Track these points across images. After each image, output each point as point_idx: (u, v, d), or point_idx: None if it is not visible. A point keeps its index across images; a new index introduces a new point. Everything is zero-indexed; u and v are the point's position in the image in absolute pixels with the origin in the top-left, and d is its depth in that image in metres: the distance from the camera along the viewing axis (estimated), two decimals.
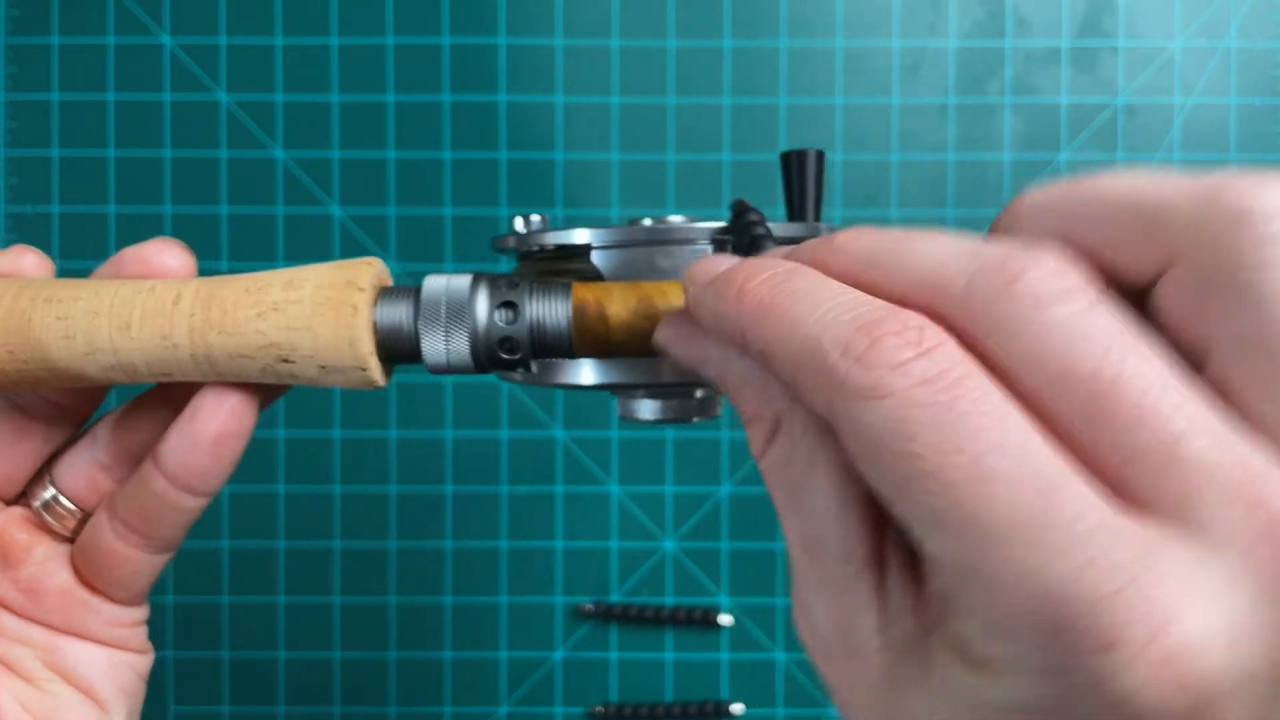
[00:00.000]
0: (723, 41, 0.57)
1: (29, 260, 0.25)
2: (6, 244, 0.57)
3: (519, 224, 0.27)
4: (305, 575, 0.57)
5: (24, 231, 0.57)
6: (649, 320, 0.23)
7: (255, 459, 0.57)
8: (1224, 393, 0.14)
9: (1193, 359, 0.14)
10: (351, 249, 0.57)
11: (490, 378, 0.57)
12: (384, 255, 0.57)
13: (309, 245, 0.57)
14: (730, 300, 0.17)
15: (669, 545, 0.57)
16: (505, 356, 0.24)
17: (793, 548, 0.18)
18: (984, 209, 0.57)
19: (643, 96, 0.57)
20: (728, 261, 0.19)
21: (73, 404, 0.26)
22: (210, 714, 0.57)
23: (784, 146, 0.57)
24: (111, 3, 0.57)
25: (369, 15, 0.57)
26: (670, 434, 0.58)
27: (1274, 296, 0.13)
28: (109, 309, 0.23)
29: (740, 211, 0.23)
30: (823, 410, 0.15)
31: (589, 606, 0.57)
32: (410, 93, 0.57)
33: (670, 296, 0.23)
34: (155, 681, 0.57)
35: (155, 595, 0.57)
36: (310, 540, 0.57)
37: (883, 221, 0.57)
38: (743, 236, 0.22)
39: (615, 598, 0.58)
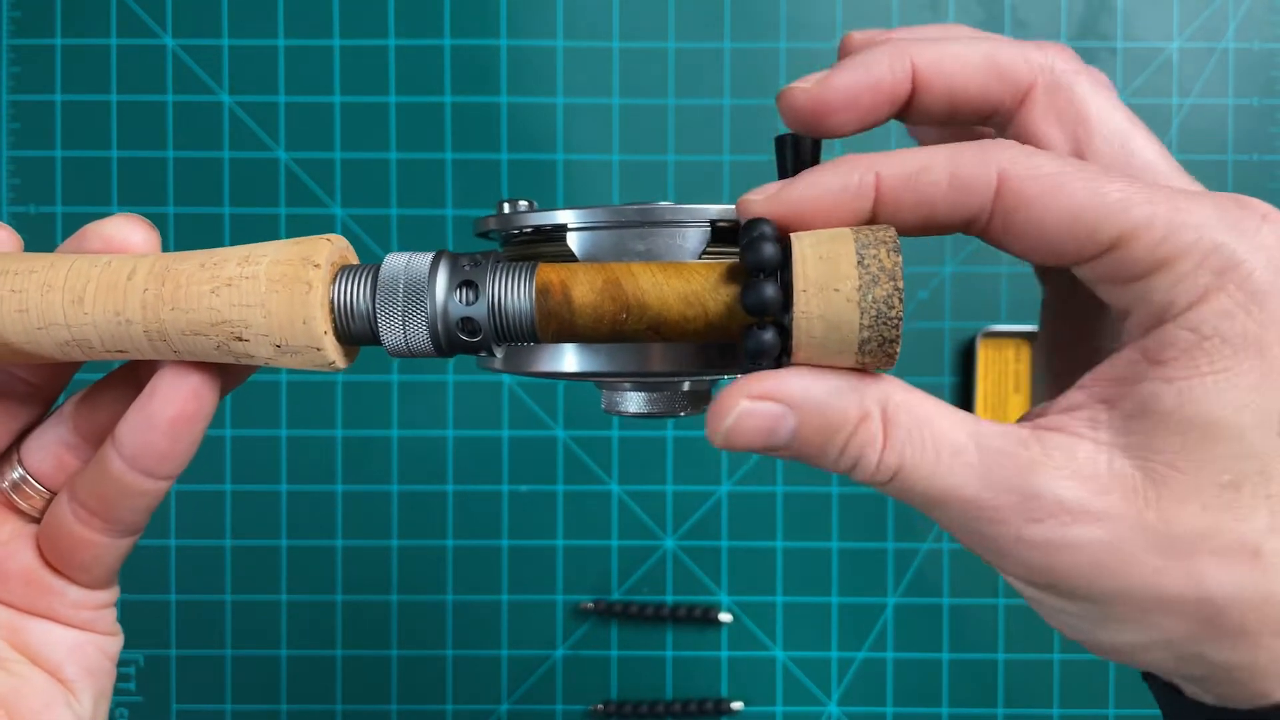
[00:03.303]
0: (723, 43, 0.57)
1: None
2: None
3: (505, 208, 0.26)
4: (307, 573, 0.58)
5: (27, 232, 0.57)
6: (614, 303, 0.22)
7: (258, 457, 0.58)
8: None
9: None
10: (354, 249, 0.57)
11: (491, 375, 0.57)
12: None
13: None
14: None
15: (669, 544, 0.58)
16: (465, 339, 0.22)
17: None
18: None
19: (643, 98, 0.57)
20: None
21: (42, 381, 0.26)
22: (213, 712, 0.58)
23: None
24: (114, 4, 0.57)
25: (371, 17, 0.57)
26: (670, 433, 0.58)
27: (1098, 108, 0.23)
28: (63, 283, 0.22)
29: (750, 226, 0.21)
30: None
31: (589, 604, 0.57)
32: (412, 94, 0.57)
33: (639, 278, 0.22)
34: (158, 679, 0.58)
35: (158, 593, 0.58)
36: (312, 539, 0.58)
37: None
38: (748, 253, 0.21)
39: (616, 596, 0.58)
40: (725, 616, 0.57)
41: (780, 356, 0.21)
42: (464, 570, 0.58)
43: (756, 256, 0.21)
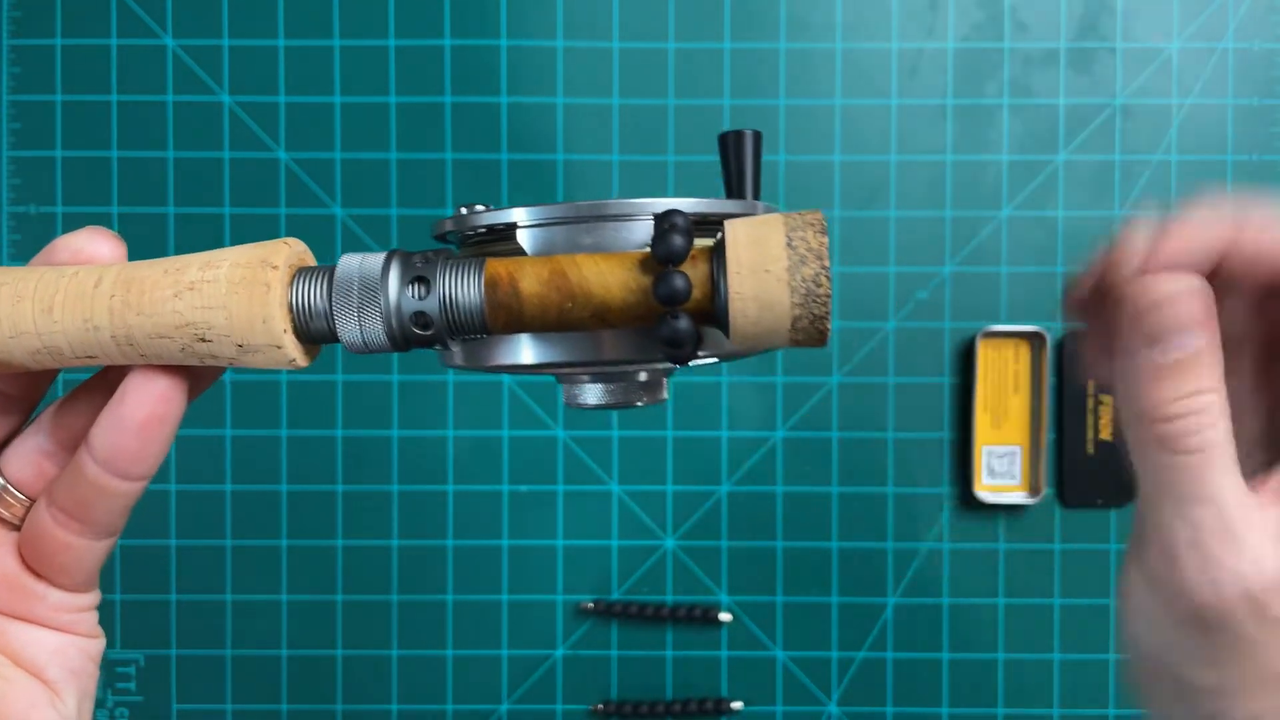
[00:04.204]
0: (722, 43, 0.57)
1: None
2: (9, 245, 0.57)
3: (462, 211, 0.26)
4: (308, 573, 0.58)
5: (27, 232, 0.57)
6: (560, 293, 0.23)
7: (258, 457, 0.58)
8: None
9: None
10: (353, 249, 0.57)
11: (492, 376, 0.57)
12: None
13: (311, 246, 0.57)
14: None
15: (669, 543, 0.58)
16: (419, 332, 0.23)
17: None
18: (982, 210, 0.58)
19: (643, 98, 0.58)
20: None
21: (19, 391, 0.26)
22: (213, 712, 0.58)
23: (784, 148, 0.58)
24: (114, 4, 0.57)
25: (371, 17, 0.57)
26: (670, 433, 0.58)
27: None
28: (33, 293, 0.23)
29: (662, 218, 0.23)
30: None
31: (589, 605, 0.57)
32: (412, 94, 0.57)
33: (583, 269, 0.23)
34: (158, 679, 0.58)
35: (158, 593, 0.58)
36: (312, 539, 0.58)
37: (880, 223, 0.58)
38: (658, 246, 0.22)
39: (616, 595, 0.58)
40: (725, 616, 0.57)
41: (697, 344, 0.22)
42: (464, 570, 0.58)
43: (666, 248, 0.22)
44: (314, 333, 0.24)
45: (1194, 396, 0.24)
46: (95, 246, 0.25)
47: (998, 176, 0.58)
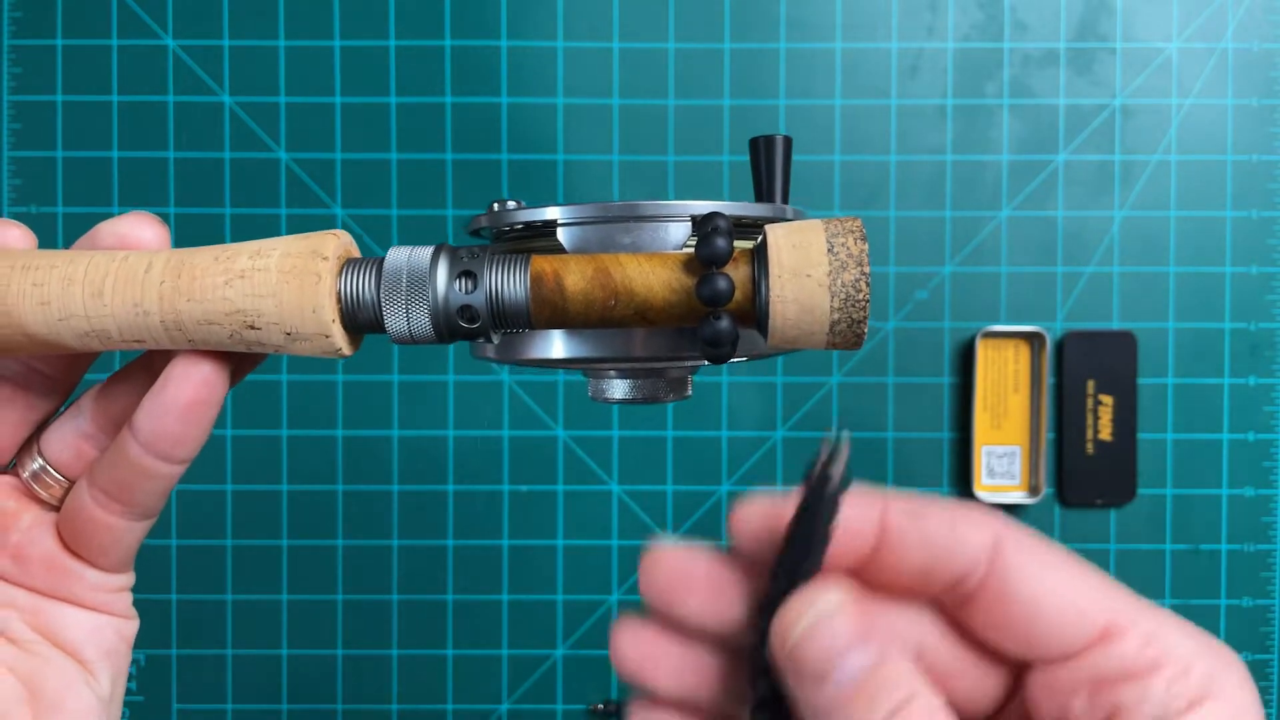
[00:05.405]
0: (722, 44, 0.57)
1: (13, 234, 0.26)
2: None
3: (495, 207, 0.27)
4: (308, 573, 0.58)
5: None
6: (604, 291, 0.23)
7: (258, 457, 0.58)
8: None
9: None
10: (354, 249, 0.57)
11: (492, 376, 0.57)
12: None
13: None
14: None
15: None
16: (465, 326, 0.24)
17: None
18: (981, 210, 0.58)
19: (643, 98, 0.58)
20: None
21: (59, 373, 0.27)
22: (214, 711, 0.58)
23: None
24: (115, 5, 0.57)
25: (371, 18, 0.57)
26: (670, 433, 0.58)
27: None
28: (83, 276, 0.24)
29: (706, 220, 0.23)
30: None
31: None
32: (412, 94, 0.57)
33: (626, 268, 0.23)
34: (159, 679, 0.58)
35: (158, 593, 0.58)
36: (313, 538, 0.58)
37: (880, 223, 0.58)
38: (702, 248, 0.23)
39: (616, 596, 0.58)
40: None
41: (735, 344, 0.23)
42: (464, 570, 0.58)
43: (710, 250, 0.22)
44: (360, 322, 0.24)
45: (895, 712, 0.19)
46: (140, 232, 0.26)
47: (998, 176, 0.58)
